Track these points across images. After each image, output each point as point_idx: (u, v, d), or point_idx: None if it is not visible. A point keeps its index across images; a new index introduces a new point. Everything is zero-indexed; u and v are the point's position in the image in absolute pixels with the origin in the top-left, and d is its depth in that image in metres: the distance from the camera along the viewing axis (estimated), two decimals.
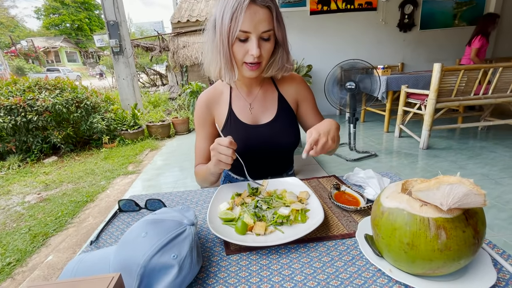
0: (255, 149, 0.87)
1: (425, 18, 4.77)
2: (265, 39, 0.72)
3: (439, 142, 3.22)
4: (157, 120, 4.78)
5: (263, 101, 0.90)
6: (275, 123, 0.88)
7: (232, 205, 0.66)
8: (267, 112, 0.89)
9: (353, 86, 2.65)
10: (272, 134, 0.87)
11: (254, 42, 0.70)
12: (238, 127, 0.87)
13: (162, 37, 7.52)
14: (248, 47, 0.71)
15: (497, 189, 2.06)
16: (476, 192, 0.34)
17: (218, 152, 0.68)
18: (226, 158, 0.67)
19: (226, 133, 0.89)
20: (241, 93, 0.90)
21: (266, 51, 0.73)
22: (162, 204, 0.69)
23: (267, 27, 0.69)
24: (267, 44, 0.73)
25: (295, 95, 0.92)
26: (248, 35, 0.70)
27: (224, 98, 0.91)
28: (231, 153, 0.67)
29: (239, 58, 0.74)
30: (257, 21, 0.68)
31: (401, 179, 0.78)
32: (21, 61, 20.82)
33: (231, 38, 0.70)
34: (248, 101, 0.90)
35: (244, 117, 0.88)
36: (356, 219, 0.61)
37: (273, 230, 0.56)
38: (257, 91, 0.90)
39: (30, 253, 1.88)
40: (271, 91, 0.91)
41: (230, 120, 0.88)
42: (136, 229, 0.45)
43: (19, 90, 3.56)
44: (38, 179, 3.14)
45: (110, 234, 0.63)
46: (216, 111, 0.91)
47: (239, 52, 0.73)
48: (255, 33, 0.69)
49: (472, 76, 2.79)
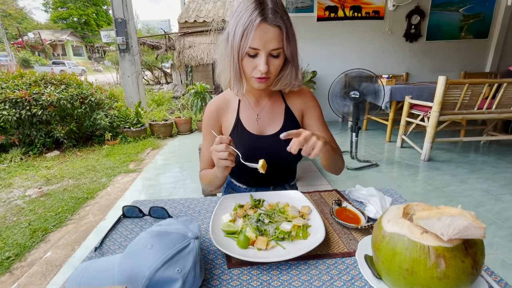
0: (259, 158, 0.88)
1: (432, 29, 4.78)
2: (274, 56, 0.73)
3: (440, 155, 3.22)
4: (160, 119, 4.80)
5: (270, 112, 0.91)
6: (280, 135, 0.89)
7: (235, 217, 0.67)
8: (273, 123, 0.91)
9: (357, 95, 2.66)
10: (276, 146, 0.88)
11: (263, 58, 0.71)
12: (244, 136, 0.89)
13: (169, 36, 7.57)
14: (257, 63, 0.73)
15: (497, 206, 2.07)
16: (477, 226, 0.35)
17: (215, 151, 0.71)
18: (223, 154, 0.69)
19: (232, 141, 0.90)
20: (250, 103, 0.92)
21: (274, 67, 0.75)
22: (166, 212, 0.70)
23: (276, 45, 0.71)
24: (276, 61, 0.74)
25: (301, 107, 0.94)
26: (257, 52, 0.71)
27: (233, 106, 0.93)
28: (225, 147, 0.69)
29: (248, 72, 0.76)
30: (266, 39, 0.69)
31: (402, 197, 0.79)
32: (27, 53, 20.97)
33: (241, 53, 0.72)
34: (255, 111, 0.91)
35: (251, 126, 0.90)
36: (356, 237, 0.62)
37: (274, 245, 0.57)
38: (265, 102, 0.92)
39: (29, 248, 1.89)
40: (278, 103, 0.92)
41: (237, 129, 0.90)
42: (142, 241, 0.46)
43: (25, 83, 3.59)
44: (39, 173, 3.16)
45: (113, 240, 0.64)
46: (224, 119, 0.93)
47: (248, 66, 0.75)
48: (264, 50, 0.71)
49: (476, 90, 2.80)
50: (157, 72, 11.29)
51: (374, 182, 2.57)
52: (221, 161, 0.71)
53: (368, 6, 4.65)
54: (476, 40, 4.91)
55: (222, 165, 0.71)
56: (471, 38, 4.89)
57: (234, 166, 0.94)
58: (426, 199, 2.21)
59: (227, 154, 0.70)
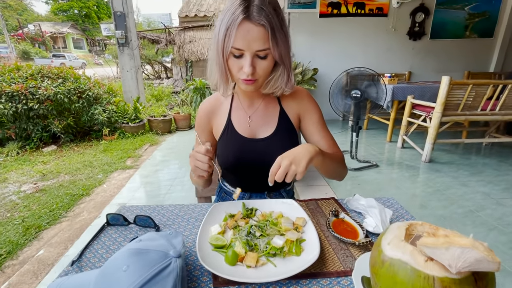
0: (250, 163, 0.85)
1: (436, 27, 4.70)
2: (261, 57, 0.68)
3: (441, 156, 3.17)
4: (159, 115, 4.75)
5: (263, 115, 0.86)
6: (273, 139, 0.84)
7: (224, 228, 0.63)
8: (266, 126, 0.86)
9: (358, 95, 2.61)
10: (268, 150, 0.83)
11: (248, 60, 0.66)
12: (234, 139, 0.85)
13: (169, 30, 7.47)
14: (242, 63, 0.68)
15: (499, 210, 2.03)
16: (490, 260, 0.31)
17: (195, 159, 0.69)
18: (202, 165, 0.68)
19: (222, 144, 0.87)
20: (242, 104, 0.87)
21: (262, 69, 0.69)
22: (152, 221, 0.66)
23: (261, 46, 0.65)
24: (263, 63, 0.68)
25: (298, 110, 0.88)
26: (242, 52, 0.66)
27: (224, 107, 0.88)
28: (207, 160, 0.67)
29: (234, 73, 0.71)
30: (250, 39, 0.64)
31: (403, 208, 0.75)
32: (27, 45, 20.84)
33: (225, 53, 0.67)
34: (247, 113, 0.86)
35: (242, 129, 0.85)
36: (354, 253, 0.58)
37: (265, 262, 0.53)
38: (259, 104, 0.87)
39: (22, 246, 1.86)
40: (273, 106, 0.88)
41: (227, 131, 0.86)
42: (117, 261, 0.42)
43: (21, 77, 3.54)
44: (35, 168, 3.13)
45: (94, 251, 0.60)
46: (215, 120, 0.89)
47: (234, 66, 0.70)
48: (249, 51, 0.65)
49: (480, 91, 2.74)
50: (157, 66, 11.19)
51: (373, 184, 2.53)
52: (197, 170, 0.69)
53: (371, 2, 4.56)
54: (481, 39, 4.83)
55: (196, 174, 0.69)
56: (475, 37, 4.80)
57: (228, 170, 0.91)
58: (426, 202, 2.17)
59: (206, 166, 0.68)
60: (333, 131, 4.40)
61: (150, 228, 0.68)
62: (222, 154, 0.87)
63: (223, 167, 0.89)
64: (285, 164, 0.62)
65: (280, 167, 0.62)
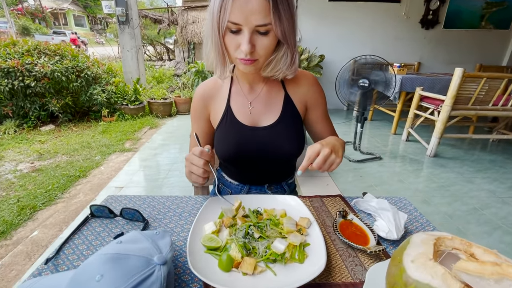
0: (251, 154, 0.77)
1: (451, 16, 4.48)
2: (262, 33, 0.58)
3: (447, 151, 3.09)
4: (159, 97, 4.64)
5: (266, 101, 0.78)
6: (276, 127, 0.76)
7: (220, 227, 0.57)
8: (269, 113, 0.78)
9: (366, 84, 2.50)
10: (271, 139, 0.76)
11: (246, 36, 0.57)
12: (234, 127, 0.77)
13: (172, 9, 7.21)
14: (240, 40, 0.59)
15: (504, 209, 1.97)
16: None
17: (190, 162, 0.61)
18: (197, 169, 0.59)
19: (220, 132, 0.79)
20: (242, 88, 0.78)
21: (262, 48, 0.60)
22: (140, 215, 0.60)
23: (261, 20, 0.56)
24: (264, 40, 0.59)
25: (305, 98, 0.80)
26: (239, 27, 0.57)
27: (223, 92, 0.80)
28: (203, 164, 0.59)
29: (231, 52, 0.62)
30: (248, 12, 0.55)
31: (417, 210, 0.68)
32: (27, 20, 20.32)
33: (221, 29, 0.59)
34: (248, 99, 0.78)
35: (242, 116, 0.77)
36: (363, 261, 0.51)
37: (263, 269, 0.47)
38: (260, 89, 0.78)
39: (16, 226, 1.83)
40: (276, 90, 0.79)
41: (226, 118, 0.78)
42: (91, 267, 0.36)
43: (17, 52, 3.42)
44: (32, 147, 3.07)
45: (74, 247, 0.54)
46: (213, 106, 0.80)
47: (231, 44, 0.61)
48: (247, 26, 0.56)
49: (494, 85, 2.62)
50: (159, 47, 10.92)
51: (376, 176, 2.47)
52: (192, 176, 0.61)
53: None
54: (496, 30, 4.62)
55: (192, 180, 0.62)
56: (491, 28, 4.59)
57: (226, 161, 0.84)
58: (429, 198, 2.12)
59: (201, 171, 0.59)
60: (337, 121, 4.32)
61: (138, 222, 0.62)
62: (220, 144, 0.79)
63: (221, 158, 0.81)
64: (326, 152, 0.56)
65: (318, 154, 0.56)
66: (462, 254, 0.35)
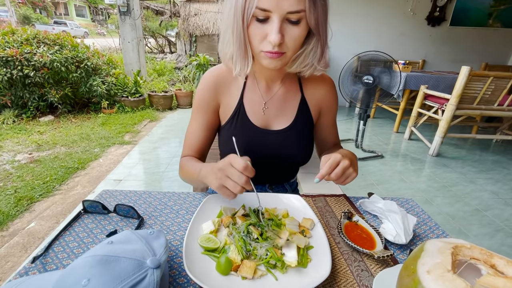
0: (259, 157, 0.71)
1: (458, 13, 4.40)
2: (293, 22, 0.52)
3: (449, 150, 3.06)
4: (160, 90, 4.59)
5: (281, 102, 0.72)
6: (289, 132, 0.71)
7: (218, 226, 0.54)
8: (282, 117, 0.72)
9: (370, 81, 2.45)
10: (282, 144, 0.71)
11: (276, 24, 0.50)
12: (244, 127, 0.70)
13: (174, 1, 7.11)
14: (267, 30, 0.52)
15: (506, 211, 1.95)
16: None
17: (226, 175, 0.49)
18: (235, 186, 0.48)
19: (229, 130, 0.72)
20: (259, 86, 0.71)
21: (292, 39, 0.53)
22: (135, 212, 0.57)
23: (295, 6, 0.49)
24: (295, 30, 0.53)
25: (321, 102, 0.75)
26: (268, 14, 0.51)
27: (237, 84, 0.71)
28: (244, 182, 0.48)
29: (255, 44, 0.55)
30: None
31: (425, 213, 0.65)
32: (28, 9, 20.10)
33: (246, 17, 0.52)
34: (263, 99, 0.71)
35: (255, 117, 0.71)
36: (370, 266, 0.49)
37: (264, 273, 0.44)
38: (277, 89, 0.72)
39: (13, 217, 1.81)
40: (293, 92, 0.72)
41: (237, 116, 0.71)
42: (77, 271, 0.33)
43: (16, 41, 3.36)
44: (31, 138, 3.04)
45: (65, 244, 0.51)
46: (224, 98, 0.72)
47: (256, 35, 0.54)
48: (278, 12, 0.50)
49: (500, 85, 2.58)
50: (161, 40, 10.80)
51: (377, 175, 2.44)
52: (225, 191, 0.50)
53: None
54: (504, 29, 4.53)
55: (224, 195, 0.51)
56: (498, 26, 4.50)
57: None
58: (431, 198, 2.09)
59: (239, 189, 0.48)
60: (339, 118, 4.28)
61: (133, 218, 0.59)
62: (227, 142, 0.73)
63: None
64: (346, 164, 0.55)
65: (337, 165, 0.55)
66: (482, 265, 0.32)
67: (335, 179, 0.55)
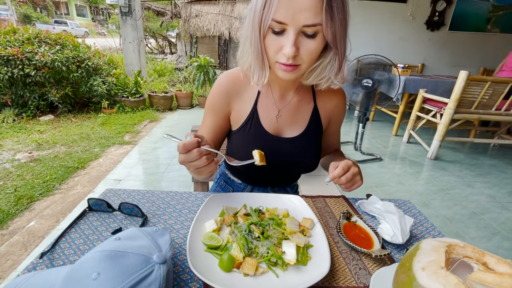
0: (270, 162, 0.70)
1: (457, 18, 4.45)
2: (309, 35, 0.52)
3: (447, 154, 3.08)
4: (160, 91, 4.61)
5: (294, 111, 0.73)
6: (300, 141, 0.73)
7: (221, 225, 0.55)
8: (294, 125, 0.73)
9: (369, 84, 2.48)
10: (293, 152, 0.73)
11: (291, 37, 0.51)
12: (256, 134, 0.71)
13: (175, 2, 7.14)
14: (282, 43, 0.53)
15: (503, 215, 1.97)
16: None
17: (188, 162, 0.50)
18: (200, 162, 0.50)
19: (241, 136, 0.73)
20: (273, 94, 0.72)
21: (307, 52, 0.53)
22: (139, 210, 0.58)
23: (311, 20, 0.49)
24: (311, 43, 0.52)
25: (331, 112, 0.77)
26: (284, 27, 0.51)
27: (252, 92, 0.72)
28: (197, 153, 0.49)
29: (271, 54, 0.56)
30: (297, 9, 0.48)
31: (422, 214, 0.67)
32: (29, 8, 20.10)
33: (262, 28, 0.52)
34: (277, 107, 0.72)
35: (268, 124, 0.72)
36: (368, 265, 0.50)
37: (265, 270, 0.46)
38: (291, 98, 0.73)
39: (13, 216, 1.82)
40: (306, 101, 0.74)
41: (250, 123, 0.71)
42: (87, 265, 0.34)
43: (17, 40, 3.37)
44: (31, 137, 3.05)
45: (71, 241, 0.52)
46: (237, 104, 0.73)
47: (272, 46, 0.54)
48: (294, 25, 0.50)
49: (498, 89, 2.60)
50: (161, 40, 10.83)
51: (376, 177, 2.46)
52: (202, 170, 0.51)
53: None
54: (502, 34, 4.58)
55: (205, 172, 0.52)
56: (497, 31, 4.55)
57: (239, 159, 0.79)
58: (429, 200, 2.11)
59: (204, 160, 0.49)
60: None
61: (137, 217, 0.60)
62: (240, 148, 0.74)
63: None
64: (355, 170, 0.59)
65: (349, 169, 0.58)
66: (475, 263, 0.34)
67: (344, 182, 0.57)
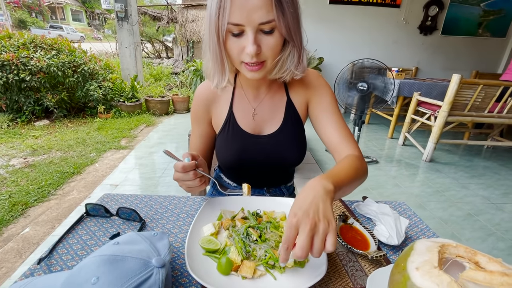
0: (253, 162, 0.76)
1: (449, 23, 4.54)
2: (267, 32, 0.54)
3: (442, 156, 3.12)
4: (157, 95, 4.61)
5: (269, 107, 0.75)
6: (279, 135, 0.74)
7: (218, 228, 0.56)
8: (272, 120, 0.75)
9: (365, 88, 2.51)
10: (274, 148, 0.74)
11: (250, 36, 0.53)
12: (236, 135, 0.74)
13: (171, 7, 7.18)
14: (243, 43, 0.55)
15: (497, 215, 1.99)
16: None
17: (181, 181, 0.59)
18: (192, 183, 0.57)
19: (222, 139, 0.76)
20: (246, 94, 0.75)
21: (269, 48, 0.56)
22: (137, 215, 0.59)
23: (265, 17, 0.52)
24: (270, 39, 0.55)
25: (304, 96, 0.75)
26: (242, 28, 0.53)
27: (226, 96, 0.75)
28: (192, 176, 0.57)
29: (235, 57, 0.58)
30: (250, 9, 0.51)
31: (417, 215, 0.68)
32: (24, 13, 20.05)
33: (221, 33, 0.54)
34: (252, 106, 0.75)
35: (245, 124, 0.74)
36: (364, 266, 0.51)
37: (263, 273, 0.46)
38: (264, 95, 0.75)
39: (7, 223, 1.79)
40: (279, 96, 0.75)
41: (228, 125, 0.74)
42: (86, 270, 0.35)
43: (13, 45, 3.36)
44: (26, 143, 3.02)
45: (68, 247, 0.52)
46: (214, 110, 0.77)
47: (234, 49, 0.57)
48: (250, 25, 0.52)
49: (490, 92, 2.65)
50: (158, 45, 10.85)
51: (372, 180, 2.48)
52: (194, 189, 0.60)
53: None
54: (493, 38, 4.69)
55: (196, 193, 0.61)
56: (488, 35, 4.65)
57: (226, 168, 0.81)
58: (425, 202, 2.13)
59: (197, 182, 0.58)
60: None
61: (135, 222, 0.60)
62: (222, 151, 0.77)
63: (222, 164, 0.80)
64: (305, 232, 0.38)
65: (295, 237, 0.39)
66: (467, 263, 0.35)
67: (303, 258, 0.39)
